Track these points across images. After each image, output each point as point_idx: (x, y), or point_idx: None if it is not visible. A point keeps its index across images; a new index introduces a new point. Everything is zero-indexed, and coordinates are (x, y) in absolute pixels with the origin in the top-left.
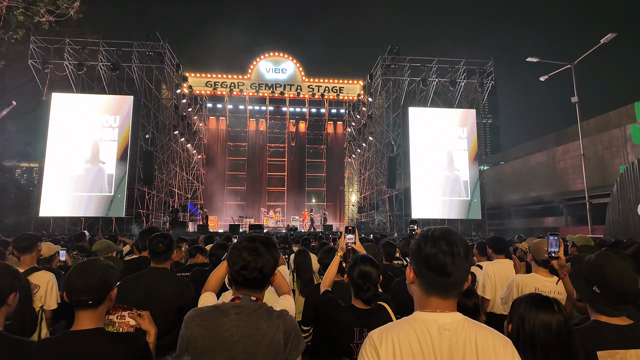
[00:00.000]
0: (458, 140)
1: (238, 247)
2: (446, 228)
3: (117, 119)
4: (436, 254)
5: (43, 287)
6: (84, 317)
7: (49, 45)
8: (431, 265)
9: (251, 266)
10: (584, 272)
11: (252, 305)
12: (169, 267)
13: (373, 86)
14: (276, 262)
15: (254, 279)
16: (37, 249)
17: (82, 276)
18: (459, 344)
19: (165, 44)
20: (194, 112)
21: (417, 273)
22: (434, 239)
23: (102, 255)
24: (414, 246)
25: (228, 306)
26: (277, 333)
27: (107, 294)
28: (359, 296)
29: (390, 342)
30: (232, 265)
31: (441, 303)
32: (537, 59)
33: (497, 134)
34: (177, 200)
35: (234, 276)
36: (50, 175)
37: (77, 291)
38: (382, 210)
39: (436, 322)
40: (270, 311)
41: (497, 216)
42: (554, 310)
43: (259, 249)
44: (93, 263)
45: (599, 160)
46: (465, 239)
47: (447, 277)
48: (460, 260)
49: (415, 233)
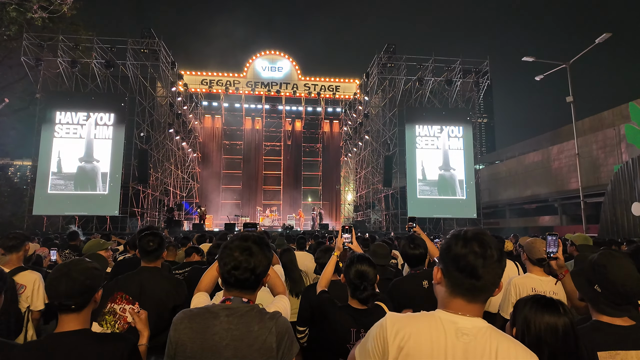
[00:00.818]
0: (454, 140)
1: (229, 246)
2: (479, 229)
3: (111, 117)
4: (467, 254)
5: (29, 287)
6: (68, 320)
7: (42, 42)
8: (460, 266)
9: (243, 266)
10: (587, 271)
11: (244, 307)
12: (160, 265)
13: (369, 85)
14: (269, 262)
15: (245, 280)
16: (24, 249)
17: (64, 280)
18: (476, 351)
19: (160, 42)
20: (189, 110)
21: (444, 273)
22: (466, 239)
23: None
24: (444, 245)
25: (218, 308)
26: (270, 336)
27: (91, 297)
28: (355, 296)
29: (403, 338)
30: (223, 265)
31: (465, 306)
32: (532, 59)
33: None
34: (172, 199)
35: (225, 277)
36: (44, 173)
37: (59, 295)
38: (378, 209)
39: (455, 324)
40: (262, 313)
41: (492, 215)
42: (560, 313)
43: (252, 249)
44: (76, 265)
45: (594, 160)
46: (498, 242)
47: (477, 279)
48: (492, 264)
49: (414, 231)
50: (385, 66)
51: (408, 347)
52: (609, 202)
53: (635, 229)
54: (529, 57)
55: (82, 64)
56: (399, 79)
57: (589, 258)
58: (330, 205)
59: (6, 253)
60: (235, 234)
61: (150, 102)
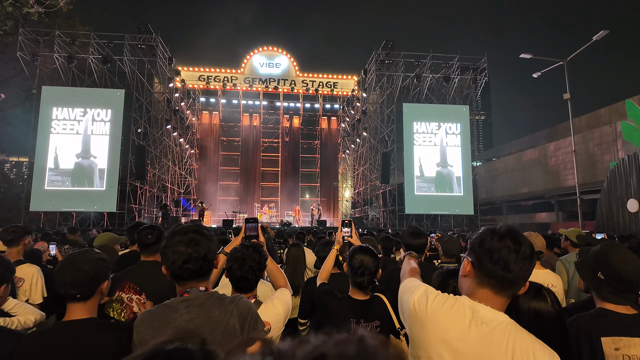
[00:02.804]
0: (451, 136)
1: (171, 243)
2: (512, 226)
3: (108, 113)
4: (501, 248)
5: (27, 281)
6: (75, 309)
7: (38, 37)
8: (494, 259)
9: (194, 257)
10: (590, 261)
11: (202, 295)
12: (159, 259)
13: (367, 81)
14: (214, 243)
15: (199, 269)
16: (24, 242)
17: (69, 269)
18: (492, 342)
19: (158, 37)
20: (186, 107)
21: (475, 264)
22: (501, 234)
23: None
24: (477, 239)
25: (177, 302)
26: (231, 318)
27: (97, 288)
28: (354, 280)
29: (440, 302)
30: (171, 263)
31: (492, 298)
32: (530, 56)
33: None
34: (170, 195)
35: (177, 273)
36: (41, 170)
37: (65, 284)
38: (375, 206)
39: (477, 312)
40: (221, 298)
41: (489, 212)
42: (546, 301)
43: (195, 239)
44: (82, 256)
45: (590, 157)
46: (529, 240)
47: (508, 272)
48: (524, 260)
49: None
50: (383, 63)
51: (432, 316)
52: (605, 198)
53: (631, 225)
54: (526, 54)
55: (79, 59)
56: (397, 76)
57: (592, 249)
58: (328, 201)
59: (6, 246)
60: (170, 231)
61: (148, 98)
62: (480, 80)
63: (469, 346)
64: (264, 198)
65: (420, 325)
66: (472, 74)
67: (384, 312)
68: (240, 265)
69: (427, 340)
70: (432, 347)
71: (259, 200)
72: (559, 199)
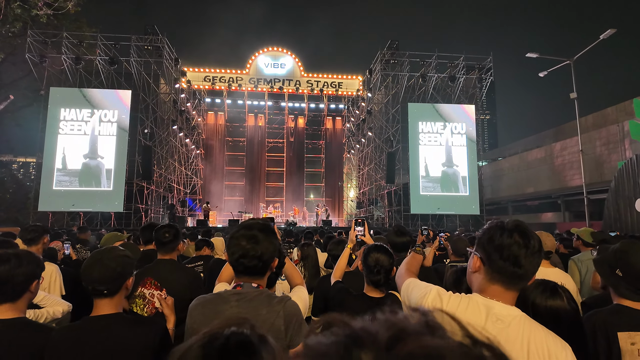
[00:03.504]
0: (457, 136)
1: (236, 235)
2: (518, 220)
3: (115, 114)
4: (511, 245)
5: (47, 279)
6: (102, 304)
7: (46, 39)
8: (504, 255)
9: (250, 254)
10: (609, 258)
11: (253, 291)
12: (175, 258)
13: (372, 81)
14: (275, 248)
15: (253, 267)
16: (43, 241)
17: (97, 266)
18: (508, 338)
19: (164, 38)
20: (192, 107)
21: (485, 261)
22: (509, 230)
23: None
24: (485, 236)
25: (229, 293)
26: (277, 319)
27: (123, 284)
28: (370, 279)
29: (455, 303)
30: (231, 254)
31: (503, 293)
32: (536, 55)
33: (495, 130)
34: (176, 195)
35: (233, 265)
36: (49, 170)
37: (93, 281)
38: (380, 206)
39: (491, 309)
40: (271, 297)
41: (494, 212)
42: (562, 300)
43: (257, 237)
44: (109, 253)
45: (597, 156)
46: (536, 234)
47: (519, 267)
48: (534, 254)
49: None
50: (389, 62)
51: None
52: (612, 198)
53: (639, 225)
54: (532, 53)
55: (86, 60)
56: (402, 76)
57: (612, 247)
58: (333, 201)
59: (26, 245)
60: (241, 224)
61: (154, 99)
62: (485, 80)
63: None
64: (269, 198)
65: None
66: (477, 74)
67: (399, 310)
68: None
69: None
70: None
71: (264, 200)
72: (565, 198)
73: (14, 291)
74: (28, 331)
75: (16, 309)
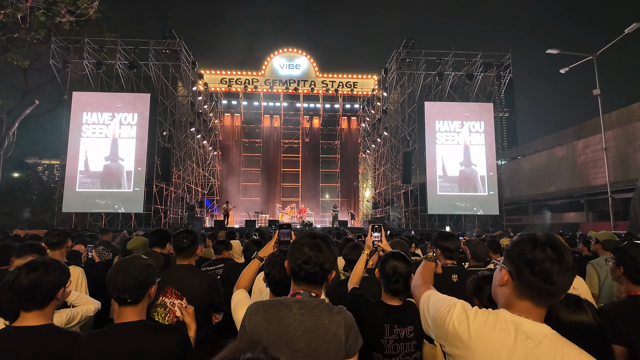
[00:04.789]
0: (475, 135)
1: (300, 242)
2: (550, 234)
3: (135, 117)
4: (543, 260)
5: (74, 282)
6: (126, 312)
7: (69, 45)
8: (535, 271)
9: (313, 261)
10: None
11: (313, 300)
12: (194, 263)
13: (388, 81)
14: (335, 259)
15: (315, 274)
16: (67, 245)
17: (121, 275)
18: (539, 357)
19: (181, 42)
20: (209, 109)
21: (514, 275)
22: (542, 244)
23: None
24: (515, 249)
25: (290, 301)
26: (339, 329)
27: (146, 292)
28: (388, 287)
29: (482, 320)
30: (294, 259)
31: (532, 310)
32: (557, 51)
33: (514, 128)
34: (194, 196)
35: (295, 270)
36: (72, 172)
37: (117, 289)
38: (397, 206)
39: (520, 326)
40: (330, 307)
41: (514, 212)
42: (587, 313)
43: (320, 245)
44: (132, 262)
45: (622, 154)
46: (569, 249)
47: (551, 284)
48: (567, 271)
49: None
50: (404, 61)
51: (476, 336)
52: (638, 197)
53: None
54: (553, 49)
55: (107, 65)
56: (418, 74)
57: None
58: (349, 202)
59: (50, 249)
60: (303, 232)
61: (172, 102)
62: (504, 77)
63: None
64: (285, 198)
65: (465, 347)
66: (495, 71)
67: (418, 318)
68: (280, 270)
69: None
70: None
71: (279, 200)
72: (588, 198)
73: (43, 298)
74: (55, 337)
75: (44, 316)
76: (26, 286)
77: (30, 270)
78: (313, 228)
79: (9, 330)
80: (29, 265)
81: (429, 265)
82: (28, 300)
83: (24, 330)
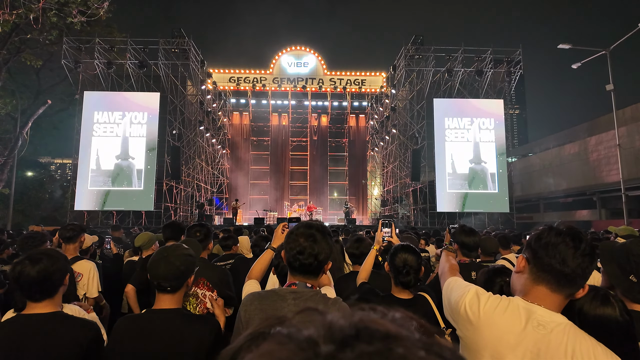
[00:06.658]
0: (484, 132)
1: (295, 232)
2: (572, 226)
3: (145, 116)
4: (559, 243)
5: (85, 276)
6: (164, 299)
7: (80, 45)
8: (550, 253)
9: (307, 252)
10: (619, 258)
11: (309, 291)
12: (206, 257)
13: (396, 78)
14: (331, 250)
15: (309, 265)
16: (80, 240)
17: (163, 263)
18: (549, 345)
19: (190, 41)
20: (218, 108)
21: (530, 260)
22: (560, 231)
23: (146, 248)
24: (534, 235)
25: (285, 291)
26: None
27: (185, 281)
28: (398, 280)
29: (494, 305)
30: (289, 250)
31: (548, 296)
32: (569, 46)
33: (524, 125)
34: (204, 194)
35: (290, 261)
36: (84, 171)
37: (158, 277)
38: (405, 204)
39: (533, 313)
40: (325, 298)
41: (525, 209)
42: (614, 308)
43: (315, 236)
44: (174, 251)
45: (636, 151)
46: (590, 240)
47: (566, 267)
48: (583, 256)
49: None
50: (413, 58)
51: (485, 320)
52: None
53: None
54: (565, 44)
55: (117, 64)
56: (427, 71)
57: (618, 245)
58: (357, 200)
59: (64, 243)
60: (300, 222)
61: (182, 101)
62: (514, 73)
63: (526, 349)
64: (293, 196)
65: (474, 329)
66: (506, 67)
67: (428, 311)
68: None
69: (481, 344)
70: (487, 351)
71: (288, 198)
72: (601, 195)
73: (54, 287)
74: (67, 324)
75: (54, 303)
76: (35, 277)
77: (36, 262)
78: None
79: (19, 318)
80: (31, 258)
81: (450, 254)
82: (39, 292)
83: (34, 318)
